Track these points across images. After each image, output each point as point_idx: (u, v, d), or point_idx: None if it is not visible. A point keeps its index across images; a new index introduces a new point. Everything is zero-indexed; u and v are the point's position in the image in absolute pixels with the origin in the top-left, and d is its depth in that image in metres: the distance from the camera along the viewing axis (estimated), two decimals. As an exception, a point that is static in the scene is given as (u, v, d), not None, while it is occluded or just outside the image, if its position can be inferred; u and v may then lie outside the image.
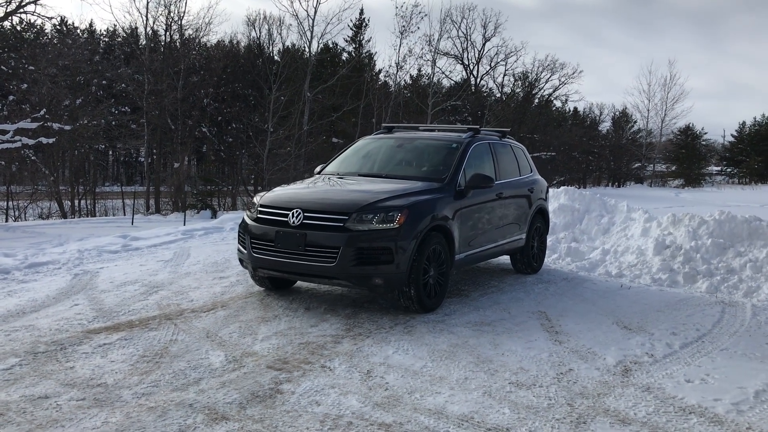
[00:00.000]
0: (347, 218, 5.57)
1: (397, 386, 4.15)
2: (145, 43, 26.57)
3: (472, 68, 41.15)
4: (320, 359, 4.61)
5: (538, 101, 45.17)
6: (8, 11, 16.98)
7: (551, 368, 4.60)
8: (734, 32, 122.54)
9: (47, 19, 19.29)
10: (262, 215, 6.03)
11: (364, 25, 36.64)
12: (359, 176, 6.87)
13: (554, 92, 44.91)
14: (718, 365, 4.79)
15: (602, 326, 5.77)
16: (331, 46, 34.90)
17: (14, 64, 25.73)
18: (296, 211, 5.74)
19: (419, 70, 35.37)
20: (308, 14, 26.86)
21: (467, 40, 40.19)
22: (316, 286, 6.88)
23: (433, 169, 6.79)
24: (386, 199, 5.81)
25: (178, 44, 26.84)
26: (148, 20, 25.44)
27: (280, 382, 4.16)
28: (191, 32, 28.27)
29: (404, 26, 29.03)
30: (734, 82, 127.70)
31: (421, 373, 4.41)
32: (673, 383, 4.39)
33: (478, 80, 41.35)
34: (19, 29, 30.65)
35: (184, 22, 26.81)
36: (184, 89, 25.46)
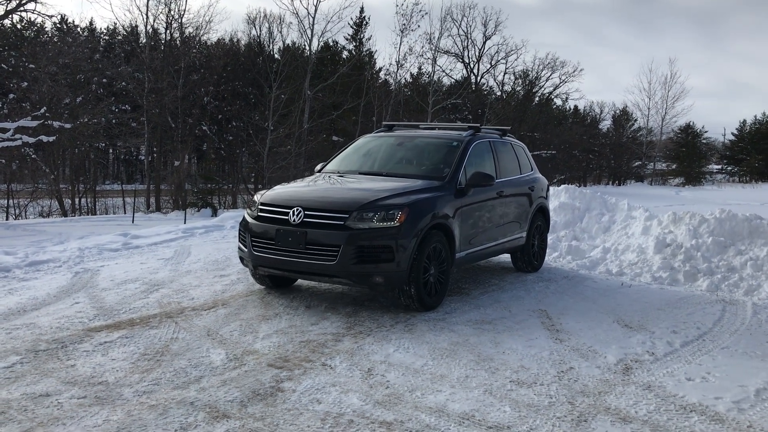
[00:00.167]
0: (348, 216, 5.56)
1: (397, 384, 4.15)
2: (145, 41, 26.54)
3: (472, 66, 41.21)
4: (321, 357, 4.61)
5: (538, 99, 45.18)
6: (8, 9, 16.96)
7: (552, 366, 4.60)
8: (735, 31, 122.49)
9: (47, 17, 19.43)
10: (262, 213, 6.02)
11: (364, 23, 36.66)
12: (360, 174, 6.86)
13: (555, 90, 45.01)
14: (718, 363, 4.79)
15: (603, 324, 5.77)
16: (331, 44, 34.89)
17: (14, 62, 25.76)
18: (297, 209, 5.74)
19: (419, 68, 35.38)
20: (308, 12, 26.95)
21: (468, 38, 40.25)
22: (316, 284, 6.87)
23: (433, 167, 6.78)
24: (387, 197, 5.81)
25: (178, 42, 26.81)
26: (148, 18, 25.44)
27: (281, 380, 4.16)
28: (191, 30, 28.29)
29: (405, 24, 29.02)
30: (735, 81, 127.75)
31: (421, 371, 4.42)
32: (673, 381, 4.39)
33: (478, 78, 41.40)
34: (19, 27, 30.65)
35: (184, 20, 26.79)
36: (184, 87, 25.46)
